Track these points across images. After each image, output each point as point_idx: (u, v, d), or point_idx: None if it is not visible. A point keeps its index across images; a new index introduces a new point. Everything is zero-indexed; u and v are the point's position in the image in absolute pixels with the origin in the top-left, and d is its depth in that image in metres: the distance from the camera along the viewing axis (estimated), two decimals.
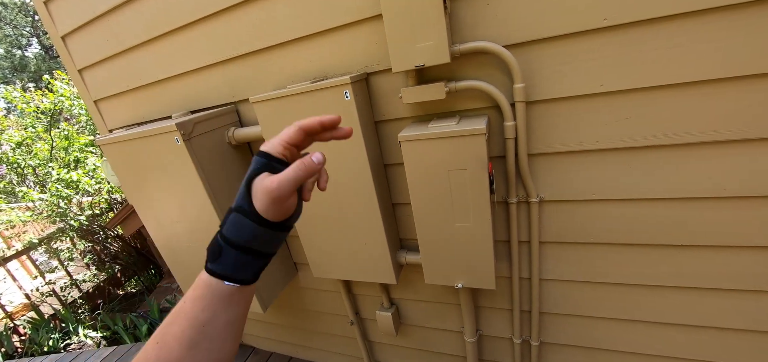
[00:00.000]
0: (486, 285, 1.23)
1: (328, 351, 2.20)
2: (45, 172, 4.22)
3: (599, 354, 1.43)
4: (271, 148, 0.43)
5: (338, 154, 1.20)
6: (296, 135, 0.43)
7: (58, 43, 1.72)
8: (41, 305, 4.22)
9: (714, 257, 1.09)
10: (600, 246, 1.20)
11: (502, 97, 1.03)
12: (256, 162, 0.42)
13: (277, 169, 0.42)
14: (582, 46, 0.95)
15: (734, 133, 0.92)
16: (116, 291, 4.78)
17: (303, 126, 0.43)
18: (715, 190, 1.00)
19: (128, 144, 1.41)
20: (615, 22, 0.89)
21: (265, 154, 0.42)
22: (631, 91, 0.96)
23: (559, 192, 1.16)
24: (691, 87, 0.91)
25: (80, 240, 4.60)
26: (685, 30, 0.86)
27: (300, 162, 0.41)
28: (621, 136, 1.01)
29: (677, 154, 0.99)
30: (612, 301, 1.29)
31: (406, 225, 1.44)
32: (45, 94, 4.39)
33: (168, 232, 1.60)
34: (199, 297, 0.40)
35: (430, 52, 0.97)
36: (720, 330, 1.20)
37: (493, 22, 0.99)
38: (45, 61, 14.18)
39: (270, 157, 0.42)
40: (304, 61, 1.26)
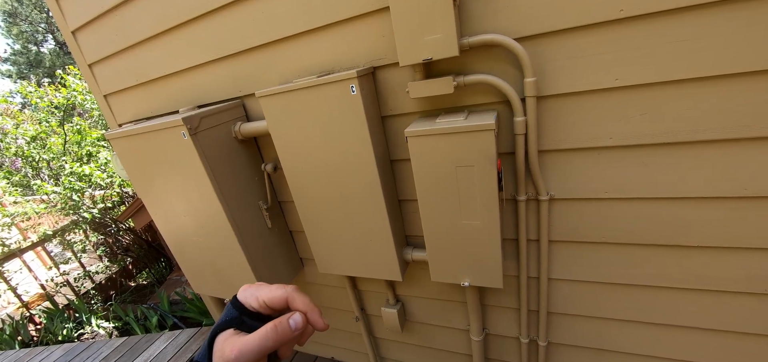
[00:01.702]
0: (493, 283, 1.21)
1: (334, 347, 2.21)
2: (58, 165, 4.31)
3: (609, 355, 1.40)
4: (247, 298, 0.37)
5: (345, 148, 1.19)
6: (279, 302, 0.37)
7: (69, 37, 1.73)
8: (56, 295, 4.33)
9: (733, 259, 1.05)
10: (612, 246, 1.17)
11: (512, 91, 1.01)
12: (226, 312, 0.37)
13: (248, 325, 0.36)
14: (596, 39, 0.91)
15: (759, 129, 0.88)
16: (128, 282, 4.87)
17: (291, 300, 0.37)
18: (736, 190, 0.96)
19: (136, 138, 1.42)
20: (632, 13, 0.86)
21: (237, 305, 0.37)
22: (649, 85, 0.92)
23: (571, 190, 1.13)
24: (713, 81, 0.87)
25: (93, 233, 4.69)
26: (707, 21, 0.82)
27: (272, 327, 0.34)
28: (637, 133, 0.98)
29: (697, 152, 0.95)
30: (624, 303, 1.26)
31: (412, 221, 1.42)
32: (58, 89, 4.47)
33: (175, 226, 1.62)
34: None
35: (438, 45, 0.95)
36: (737, 334, 1.16)
37: (503, 14, 0.96)
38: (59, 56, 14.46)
39: (242, 310, 0.37)
40: (310, 55, 1.25)
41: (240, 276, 1.57)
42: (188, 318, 3.33)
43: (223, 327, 0.35)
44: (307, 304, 0.37)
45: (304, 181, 1.34)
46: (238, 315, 0.36)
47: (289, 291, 0.37)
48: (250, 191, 1.52)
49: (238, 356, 0.32)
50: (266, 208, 1.58)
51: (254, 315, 0.37)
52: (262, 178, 1.57)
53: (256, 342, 0.33)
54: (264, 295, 0.37)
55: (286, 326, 0.35)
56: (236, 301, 0.37)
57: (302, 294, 0.38)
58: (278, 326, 0.34)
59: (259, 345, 0.33)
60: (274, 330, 0.34)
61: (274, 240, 1.66)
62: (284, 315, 0.36)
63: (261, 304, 0.37)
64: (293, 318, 0.35)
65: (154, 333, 3.12)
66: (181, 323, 3.32)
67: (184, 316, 3.39)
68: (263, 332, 0.34)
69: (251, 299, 0.37)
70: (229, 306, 0.37)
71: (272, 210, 1.61)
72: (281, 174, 1.53)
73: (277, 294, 0.37)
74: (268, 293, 0.37)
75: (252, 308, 0.37)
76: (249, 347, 0.33)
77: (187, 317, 3.35)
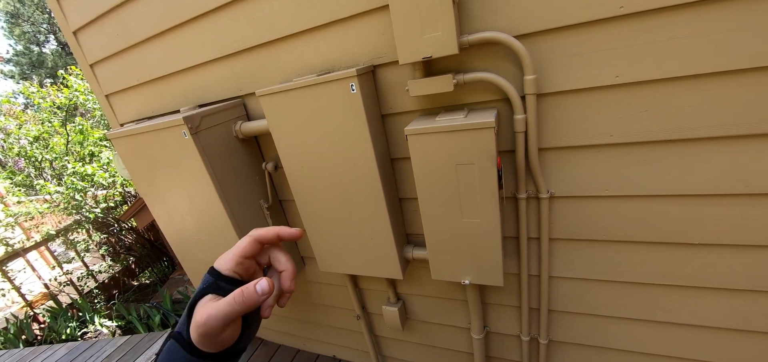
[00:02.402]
0: (493, 282, 1.21)
1: (335, 345, 2.21)
2: (61, 165, 4.33)
3: (610, 353, 1.40)
4: (223, 264, 0.39)
5: (345, 147, 1.19)
6: (251, 246, 0.40)
7: (70, 38, 1.74)
8: (59, 294, 4.36)
9: (735, 257, 1.05)
10: (613, 243, 1.17)
11: (512, 89, 1.00)
12: (205, 280, 0.38)
13: (224, 289, 0.38)
14: (596, 36, 0.91)
15: (761, 126, 0.87)
16: (131, 281, 4.89)
17: (258, 237, 0.40)
18: (738, 187, 0.95)
19: (137, 138, 1.42)
20: (632, 9, 0.85)
21: (214, 272, 0.38)
22: (649, 82, 0.92)
23: (571, 187, 1.12)
24: (714, 77, 0.86)
25: (96, 232, 4.71)
26: (707, 17, 0.82)
27: (239, 292, 0.36)
28: (638, 130, 0.97)
29: (698, 149, 0.95)
30: (625, 300, 1.26)
31: (412, 219, 1.42)
32: (60, 90, 4.49)
33: (177, 225, 1.62)
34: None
35: (437, 43, 0.94)
36: (739, 332, 1.15)
37: (503, 11, 0.96)
38: (61, 56, 14.51)
39: (219, 276, 0.38)
40: (310, 54, 1.25)
41: None
42: None
43: (201, 295, 0.37)
44: (274, 230, 0.41)
45: (304, 179, 1.34)
46: (214, 281, 0.38)
47: (253, 233, 0.40)
48: (251, 190, 1.52)
49: (207, 319, 0.34)
50: (267, 207, 1.58)
51: (230, 279, 0.38)
52: (262, 176, 1.57)
53: (223, 307, 0.35)
54: (238, 249, 0.39)
55: (252, 291, 0.36)
56: (213, 269, 0.39)
57: (267, 229, 0.41)
58: (245, 291, 0.36)
59: (226, 309, 0.35)
60: (241, 295, 0.36)
61: None
62: (252, 281, 0.37)
63: (239, 263, 0.39)
64: (259, 283, 0.37)
65: (157, 331, 3.14)
66: None
67: None
68: (231, 297, 0.35)
69: (230, 261, 0.39)
70: (207, 274, 0.39)
71: (273, 208, 1.62)
72: (282, 173, 1.53)
73: (245, 241, 0.40)
74: (240, 245, 0.39)
75: (231, 272, 0.39)
76: (216, 311, 0.34)
77: None
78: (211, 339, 0.35)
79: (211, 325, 0.34)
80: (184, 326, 0.36)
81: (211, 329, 0.34)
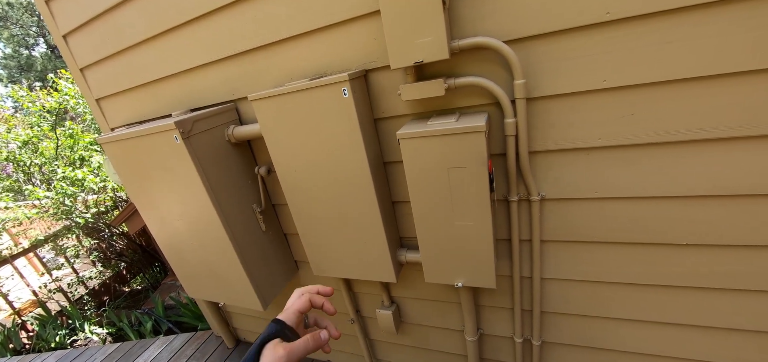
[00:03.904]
0: (486, 284, 1.22)
1: (331, 349, 2.20)
2: (51, 170, 4.26)
3: (602, 354, 1.42)
4: (287, 317, 0.50)
5: (337, 151, 1.19)
6: (306, 306, 0.53)
7: (60, 42, 1.72)
8: (48, 302, 4.28)
9: (719, 257, 1.07)
10: (603, 245, 1.18)
11: (502, 93, 1.02)
12: (270, 327, 0.49)
13: (288, 337, 0.48)
14: (584, 41, 0.93)
15: (743, 129, 0.89)
16: (122, 288, 4.82)
17: (313, 302, 0.54)
18: (721, 189, 0.98)
19: (128, 142, 1.41)
20: (619, 15, 0.87)
21: (279, 322, 0.49)
22: (636, 86, 0.94)
23: (561, 190, 1.14)
24: (698, 82, 0.89)
25: (86, 238, 4.64)
26: (693, 23, 0.84)
27: (311, 337, 0.49)
28: (625, 133, 0.99)
29: (683, 152, 0.97)
30: (615, 301, 1.28)
31: (405, 223, 1.43)
32: (50, 93, 4.43)
33: (169, 230, 1.61)
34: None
35: (428, 48, 0.96)
36: (724, 330, 1.18)
37: (492, 17, 0.97)
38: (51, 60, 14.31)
39: (284, 325, 0.49)
40: (302, 59, 1.25)
41: (234, 280, 1.56)
42: (183, 322, 3.31)
43: (270, 338, 0.47)
44: (322, 299, 0.55)
45: (297, 183, 1.34)
46: (281, 329, 0.49)
47: (309, 298, 0.54)
48: (243, 194, 1.52)
49: (290, 354, 0.45)
50: (260, 211, 1.57)
51: (292, 329, 0.50)
52: (255, 180, 1.57)
53: (301, 346, 0.47)
54: (299, 306, 0.52)
55: (319, 337, 0.50)
56: (278, 320, 0.50)
57: (319, 296, 0.55)
58: (315, 337, 0.50)
59: (304, 347, 0.47)
60: (312, 339, 0.49)
61: (269, 243, 1.65)
62: (318, 330, 0.51)
63: (300, 317, 0.52)
64: (323, 333, 0.51)
65: (149, 338, 3.09)
66: (176, 328, 3.29)
67: (179, 321, 3.36)
68: (305, 340, 0.48)
69: (292, 316, 0.51)
70: (271, 323, 0.50)
71: (266, 213, 1.61)
72: (275, 177, 1.53)
73: (304, 301, 0.53)
74: (300, 303, 0.53)
75: (293, 323, 0.51)
76: (296, 348, 0.46)
77: (182, 322, 3.32)
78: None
79: (293, 357, 0.45)
80: None
81: (291, 360, 0.45)
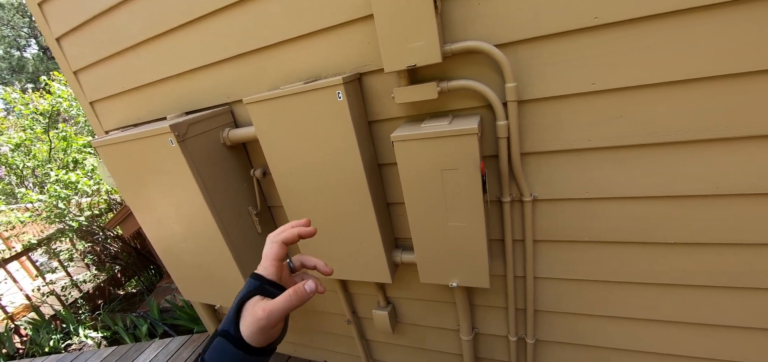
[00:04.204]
0: (480, 283, 1.24)
1: (326, 350, 2.21)
2: (44, 173, 4.22)
3: (594, 351, 1.44)
4: (264, 270, 0.45)
5: (332, 153, 1.20)
6: (282, 251, 0.46)
7: (53, 44, 1.72)
8: (42, 306, 4.23)
9: (707, 255, 1.10)
10: (594, 244, 1.20)
11: (494, 96, 1.03)
12: (249, 284, 0.44)
13: (269, 291, 0.43)
14: (573, 45, 0.95)
15: (729, 130, 0.92)
16: (116, 291, 4.78)
17: (285, 240, 0.46)
18: (708, 188, 1.00)
19: (123, 145, 1.41)
20: (606, 20, 0.89)
21: (257, 277, 0.44)
22: (623, 89, 0.96)
23: (553, 191, 1.16)
24: (684, 85, 0.91)
25: (80, 241, 4.60)
26: (677, 28, 0.86)
27: (293, 291, 0.42)
28: (614, 135, 1.02)
29: (670, 152, 0.99)
30: (607, 299, 1.30)
31: (400, 224, 1.44)
32: (43, 96, 4.39)
33: (164, 233, 1.61)
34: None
35: (421, 51, 0.97)
36: (713, 326, 1.20)
37: (484, 21, 0.99)
38: (43, 61, 14.15)
39: (263, 280, 0.44)
40: (297, 62, 1.26)
41: (230, 282, 1.57)
42: (179, 325, 3.29)
43: (249, 296, 0.42)
44: (296, 233, 0.48)
45: (293, 186, 1.35)
46: (260, 284, 0.43)
47: (278, 239, 0.46)
48: (239, 197, 1.52)
49: (269, 315, 0.40)
50: (256, 213, 1.58)
51: (273, 283, 0.44)
52: (251, 183, 1.57)
53: (282, 303, 0.41)
54: (272, 254, 0.45)
55: (303, 290, 0.43)
56: (256, 275, 0.45)
57: (288, 232, 0.48)
58: (298, 290, 0.42)
59: (284, 306, 0.41)
60: (295, 293, 0.42)
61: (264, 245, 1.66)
62: (301, 282, 0.44)
63: (277, 266, 0.45)
64: (307, 284, 0.44)
65: (144, 341, 3.08)
66: (172, 331, 3.28)
67: (174, 324, 3.35)
68: (286, 296, 0.42)
69: (269, 267, 0.45)
70: (249, 279, 0.45)
71: (262, 215, 1.62)
72: (270, 179, 1.54)
73: (275, 247, 0.46)
74: (272, 251, 0.46)
75: (272, 276, 0.45)
76: (276, 307, 0.41)
77: (177, 324, 3.31)
78: (268, 330, 0.40)
79: (272, 317, 0.40)
80: (231, 324, 0.41)
81: (272, 321, 0.40)
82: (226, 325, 0.41)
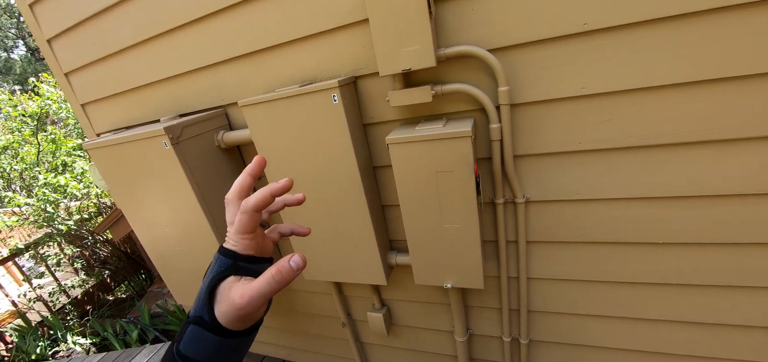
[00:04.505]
0: (474, 284, 1.25)
1: (321, 354, 2.20)
2: (31, 176, 4.14)
3: (587, 350, 1.46)
4: (235, 244, 0.38)
5: (328, 156, 1.21)
6: (253, 220, 0.38)
7: (44, 46, 1.70)
8: (28, 312, 4.14)
9: (695, 255, 1.12)
10: (585, 244, 1.23)
11: (487, 99, 1.05)
12: (220, 262, 0.37)
13: (245, 268, 0.37)
14: (563, 50, 0.97)
15: (715, 133, 0.95)
16: (106, 296, 4.70)
17: (253, 207, 0.37)
18: (695, 190, 1.03)
19: (116, 148, 1.40)
20: (595, 27, 0.92)
21: (230, 253, 0.38)
22: (612, 93, 0.98)
23: (545, 192, 1.18)
24: (670, 89, 0.94)
25: (68, 246, 4.52)
26: (663, 34, 0.89)
27: (276, 271, 0.35)
28: (603, 138, 1.04)
29: (658, 154, 1.02)
30: (598, 299, 1.32)
31: (395, 226, 1.45)
32: (31, 98, 4.31)
33: (158, 236, 1.59)
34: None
35: (415, 56, 0.99)
36: (703, 324, 1.23)
37: (477, 26, 1.01)
38: (31, 63, 13.91)
39: (236, 256, 0.37)
40: (292, 65, 1.27)
41: None
42: (171, 330, 3.25)
43: (221, 277, 0.36)
44: (267, 190, 0.38)
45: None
46: (232, 262, 0.37)
47: (245, 204, 0.37)
48: None
49: (249, 301, 0.34)
50: None
51: (249, 258, 0.38)
52: None
53: (264, 287, 0.34)
54: (239, 227, 0.37)
55: (288, 268, 0.35)
56: (228, 251, 0.38)
57: (256, 195, 0.38)
58: (281, 269, 0.35)
59: (266, 289, 0.34)
60: (278, 273, 0.35)
61: None
62: (283, 258, 0.36)
63: (248, 238, 0.38)
64: (293, 259, 0.35)
65: (135, 347, 3.03)
66: (163, 336, 3.23)
67: (166, 329, 3.30)
68: (269, 276, 0.35)
69: (240, 240, 0.38)
70: (219, 256, 0.38)
71: None
72: (265, 182, 1.54)
73: (245, 218, 0.37)
74: (239, 223, 0.37)
75: (246, 250, 0.38)
76: (257, 291, 0.34)
77: (169, 330, 3.26)
78: (251, 316, 0.35)
79: (254, 305, 0.34)
80: (204, 309, 0.36)
81: (254, 309, 0.34)
82: (199, 310, 0.36)
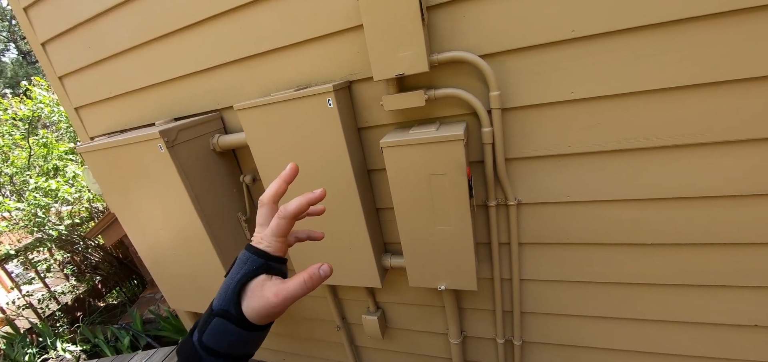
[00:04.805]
0: (468, 286, 1.27)
1: (317, 358, 2.19)
2: (22, 180, 4.09)
3: (580, 351, 1.48)
4: (269, 246, 0.41)
5: (323, 160, 1.22)
6: (288, 225, 0.42)
7: (38, 49, 1.69)
8: (17, 319, 4.07)
9: (685, 254, 1.15)
10: (576, 246, 1.25)
11: (479, 104, 1.08)
12: (251, 261, 0.40)
13: (275, 268, 0.41)
14: (552, 56, 1.00)
15: (701, 136, 0.98)
16: (97, 302, 4.63)
17: (290, 214, 0.42)
18: (683, 191, 1.06)
19: (111, 151, 1.40)
20: (582, 33, 0.95)
21: (260, 253, 0.41)
22: (600, 98, 1.01)
23: (536, 194, 1.20)
24: (656, 94, 0.97)
25: (59, 251, 4.46)
26: (648, 41, 0.92)
27: (308, 277, 0.40)
28: (591, 141, 1.07)
29: (646, 157, 1.05)
30: (590, 299, 1.34)
31: (389, 229, 1.46)
32: (23, 101, 4.27)
33: (152, 241, 1.59)
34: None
35: (409, 61, 1.01)
36: (693, 324, 1.25)
37: (469, 33, 1.03)
38: (22, 66, 13.75)
39: (268, 257, 0.41)
40: (288, 70, 1.28)
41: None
42: (163, 336, 3.22)
43: (253, 275, 0.40)
44: (305, 199, 0.44)
45: None
46: (264, 262, 0.40)
47: (286, 212, 0.42)
48: (228, 203, 1.52)
49: (283, 300, 0.38)
50: (245, 219, 1.58)
51: (279, 259, 0.42)
52: (240, 189, 1.58)
53: (297, 289, 0.39)
54: (276, 230, 0.41)
55: (318, 274, 0.41)
56: (260, 252, 0.41)
57: (296, 202, 0.44)
58: (312, 275, 0.40)
59: (299, 292, 0.39)
60: (310, 278, 0.40)
61: None
62: (314, 265, 0.41)
63: (282, 241, 0.42)
64: (322, 267, 0.41)
65: (126, 354, 2.99)
66: (156, 342, 3.20)
67: (158, 335, 3.27)
68: (300, 280, 0.39)
69: (274, 243, 0.42)
70: (250, 255, 0.41)
71: (251, 221, 1.62)
72: (260, 185, 1.54)
73: (282, 223, 0.42)
74: (276, 226, 0.42)
75: (278, 252, 0.42)
76: (291, 292, 0.39)
77: (161, 336, 3.23)
78: (276, 315, 0.39)
79: (287, 304, 0.38)
80: (231, 304, 0.39)
81: (285, 307, 0.39)
82: (225, 304, 0.39)
